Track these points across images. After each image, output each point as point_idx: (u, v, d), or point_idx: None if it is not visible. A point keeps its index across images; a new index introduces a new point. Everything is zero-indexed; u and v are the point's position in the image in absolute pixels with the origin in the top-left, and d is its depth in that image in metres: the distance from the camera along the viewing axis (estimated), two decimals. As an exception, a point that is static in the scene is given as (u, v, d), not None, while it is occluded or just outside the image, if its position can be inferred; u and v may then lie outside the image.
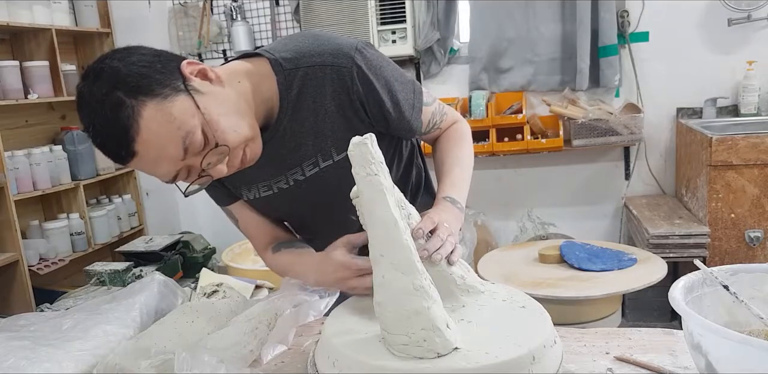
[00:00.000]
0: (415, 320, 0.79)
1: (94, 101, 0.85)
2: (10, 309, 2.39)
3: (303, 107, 1.05)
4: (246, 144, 0.96)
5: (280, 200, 1.15)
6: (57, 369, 0.93)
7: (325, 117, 1.05)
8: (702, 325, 0.70)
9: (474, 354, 0.78)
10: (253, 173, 1.10)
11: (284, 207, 1.19)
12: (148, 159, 0.88)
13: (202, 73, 0.93)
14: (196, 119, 0.88)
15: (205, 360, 0.87)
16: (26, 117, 2.77)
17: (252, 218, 1.22)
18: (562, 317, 1.95)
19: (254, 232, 1.24)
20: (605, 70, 2.90)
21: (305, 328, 1.09)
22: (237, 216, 1.23)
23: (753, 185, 2.42)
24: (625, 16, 2.89)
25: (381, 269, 0.82)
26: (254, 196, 1.16)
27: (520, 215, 3.26)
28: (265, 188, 1.15)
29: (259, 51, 1.06)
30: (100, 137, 0.87)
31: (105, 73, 0.86)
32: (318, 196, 1.14)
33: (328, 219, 1.18)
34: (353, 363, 0.80)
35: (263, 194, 1.15)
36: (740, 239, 2.48)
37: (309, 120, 1.06)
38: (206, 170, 0.93)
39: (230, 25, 3.16)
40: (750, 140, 2.39)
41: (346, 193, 0.97)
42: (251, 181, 1.14)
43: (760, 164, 2.39)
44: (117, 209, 3.07)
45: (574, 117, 2.86)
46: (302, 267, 1.13)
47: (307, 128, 1.06)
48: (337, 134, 1.07)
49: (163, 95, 0.86)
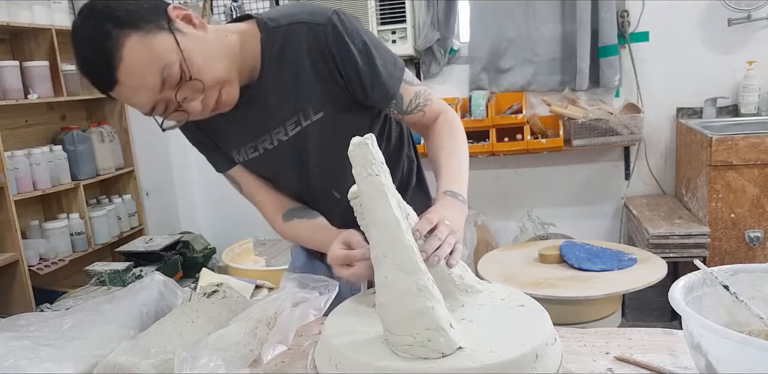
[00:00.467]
0: (420, 320, 0.79)
1: (84, 34, 0.94)
2: (10, 309, 2.39)
3: (283, 64, 1.10)
4: (222, 86, 1.02)
5: (268, 163, 1.19)
6: (57, 369, 0.93)
7: (303, 76, 1.10)
8: (702, 325, 0.70)
9: (478, 354, 0.78)
10: (240, 134, 1.17)
11: (272, 170, 1.22)
12: (128, 88, 0.95)
13: (187, 17, 1.00)
14: (175, 55, 0.95)
15: (205, 360, 0.87)
16: (26, 117, 2.76)
17: (254, 183, 1.25)
18: (562, 317, 1.95)
19: (259, 197, 1.26)
20: (605, 70, 2.90)
21: (305, 328, 1.09)
22: (239, 181, 1.26)
23: (753, 185, 2.42)
24: (625, 16, 2.89)
25: (384, 269, 0.82)
26: (243, 158, 1.20)
27: (520, 215, 3.26)
28: (252, 149, 1.19)
29: (250, 14, 1.13)
30: (87, 65, 0.96)
31: (97, 9, 0.94)
32: (301, 156, 1.17)
33: (314, 184, 1.22)
34: (356, 364, 0.80)
35: (251, 156, 1.19)
36: (740, 239, 2.48)
37: (289, 78, 1.10)
38: (182, 105, 0.99)
39: (230, 25, 3.16)
40: (750, 140, 2.39)
41: (329, 155, 1.09)
42: (239, 143, 1.19)
43: (760, 164, 2.39)
44: (117, 209, 3.06)
45: (574, 117, 2.86)
46: (320, 240, 1.16)
47: (287, 86, 1.11)
48: (314, 93, 1.11)
49: (146, 30, 0.93)
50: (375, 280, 0.84)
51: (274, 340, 1.01)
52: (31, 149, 2.59)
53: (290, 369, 0.97)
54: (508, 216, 3.28)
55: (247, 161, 1.21)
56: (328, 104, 1.13)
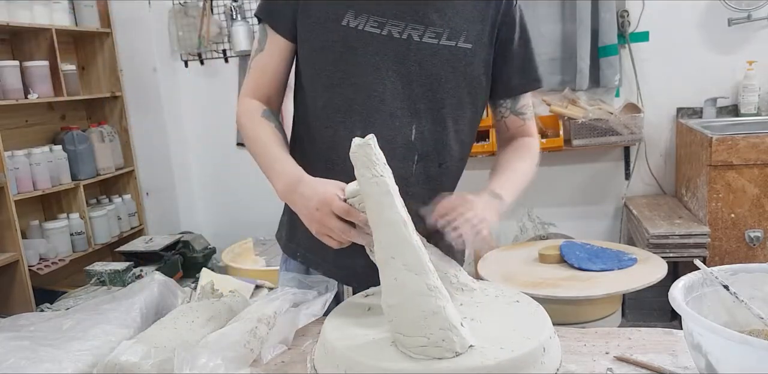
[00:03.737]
0: (433, 320, 0.78)
1: None
2: (10, 309, 2.39)
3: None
4: None
5: (371, 50, 1.07)
6: (57, 369, 0.93)
7: (470, 2, 1.11)
8: (702, 325, 0.70)
9: (490, 351, 0.79)
10: (385, 0, 1.07)
11: (362, 60, 1.08)
12: None
13: None
14: None
15: (205, 360, 0.87)
16: (26, 117, 2.76)
17: (276, 60, 1.13)
18: (562, 317, 1.95)
19: (262, 73, 1.15)
20: (605, 70, 2.90)
21: (305, 328, 1.09)
22: (267, 47, 1.13)
23: (753, 185, 2.42)
24: (625, 16, 2.89)
25: (393, 271, 0.81)
26: (357, 25, 1.06)
27: (520, 215, 3.26)
28: (377, 23, 1.06)
29: None
30: None
31: None
32: (410, 70, 1.08)
33: (367, 116, 1.09)
34: (370, 369, 0.78)
35: (366, 28, 1.06)
36: (740, 239, 2.48)
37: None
38: None
39: (230, 25, 3.15)
40: (750, 140, 2.39)
41: (432, 89, 1.08)
42: (378, 7, 1.07)
43: (760, 164, 2.39)
44: (117, 209, 3.07)
45: (574, 117, 2.86)
46: (279, 168, 1.05)
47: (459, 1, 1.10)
48: (469, 21, 1.11)
49: None
50: (382, 282, 0.83)
51: (274, 340, 1.01)
52: (31, 149, 2.59)
53: (290, 369, 0.97)
54: (508, 216, 3.28)
55: (354, 30, 1.06)
56: (480, 44, 1.13)
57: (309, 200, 0.96)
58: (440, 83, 1.10)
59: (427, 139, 1.12)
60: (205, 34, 3.19)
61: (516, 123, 1.24)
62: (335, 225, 0.93)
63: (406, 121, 1.10)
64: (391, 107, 1.09)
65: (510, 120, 1.23)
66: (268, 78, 1.15)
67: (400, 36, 1.07)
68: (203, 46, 3.23)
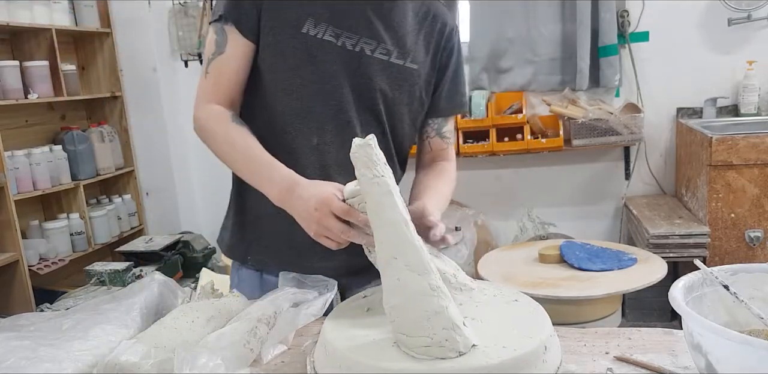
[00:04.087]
0: (436, 320, 0.78)
1: None
2: (10, 309, 2.39)
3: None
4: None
5: (329, 58, 1.09)
6: (57, 369, 0.92)
7: (418, 24, 1.16)
8: (702, 325, 0.70)
9: (492, 350, 0.79)
10: (342, 13, 1.09)
11: (322, 67, 1.09)
12: None
13: None
14: None
15: (205, 360, 0.87)
16: (26, 117, 2.76)
17: (238, 63, 1.10)
18: (562, 317, 1.95)
19: (224, 77, 1.12)
20: (605, 70, 2.90)
21: (305, 328, 1.09)
22: (228, 49, 1.10)
23: (753, 185, 2.42)
24: (625, 16, 2.89)
25: (395, 271, 0.81)
26: (316, 33, 1.08)
27: (520, 215, 3.26)
28: (334, 34, 1.09)
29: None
30: None
31: None
32: (364, 82, 1.12)
33: (323, 124, 1.11)
34: (369, 369, 0.78)
35: (324, 38, 1.09)
36: (740, 239, 2.48)
37: (411, 16, 1.15)
38: None
39: (230, 25, 3.15)
40: (750, 140, 2.39)
41: (374, 103, 1.12)
42: (334, 18, 1.09)
43: (760, 164, 2.39)
44: (117, 209, 3.07)
45: (574, 117, 2.86)
46: (270, 173, 1.04)
47: (409, 21, 1.15)
48: (417, 43, 1.16)
49: None
50: (384, 283, 0.83)
51: (274, 340, 1.01)
52: (31, 148, 2.59)
53: (290, 369, 0.97)
54: (508, 216, 3.28)
55: (313, 39, 1.08)
56: (424, 66, 1.17)
57: (307, 201, 0.96)
58: (386, 98, 1.15)
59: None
60: (205, 34, 3.19)
61: (439, 145, 1.27)
62: (335, 225, 0.93)
63: (358, 130, 1.14)
64: (346, 115, 1.13)
65: (434, 141, 1.27)
66: (230, 82, 1.13)
67: (353, 48, 1.11)
68: (203, 47, 3.23)
